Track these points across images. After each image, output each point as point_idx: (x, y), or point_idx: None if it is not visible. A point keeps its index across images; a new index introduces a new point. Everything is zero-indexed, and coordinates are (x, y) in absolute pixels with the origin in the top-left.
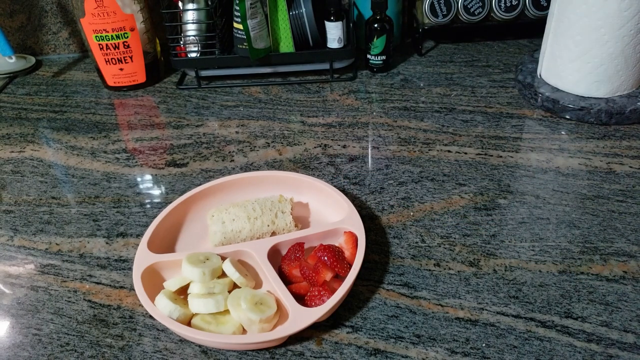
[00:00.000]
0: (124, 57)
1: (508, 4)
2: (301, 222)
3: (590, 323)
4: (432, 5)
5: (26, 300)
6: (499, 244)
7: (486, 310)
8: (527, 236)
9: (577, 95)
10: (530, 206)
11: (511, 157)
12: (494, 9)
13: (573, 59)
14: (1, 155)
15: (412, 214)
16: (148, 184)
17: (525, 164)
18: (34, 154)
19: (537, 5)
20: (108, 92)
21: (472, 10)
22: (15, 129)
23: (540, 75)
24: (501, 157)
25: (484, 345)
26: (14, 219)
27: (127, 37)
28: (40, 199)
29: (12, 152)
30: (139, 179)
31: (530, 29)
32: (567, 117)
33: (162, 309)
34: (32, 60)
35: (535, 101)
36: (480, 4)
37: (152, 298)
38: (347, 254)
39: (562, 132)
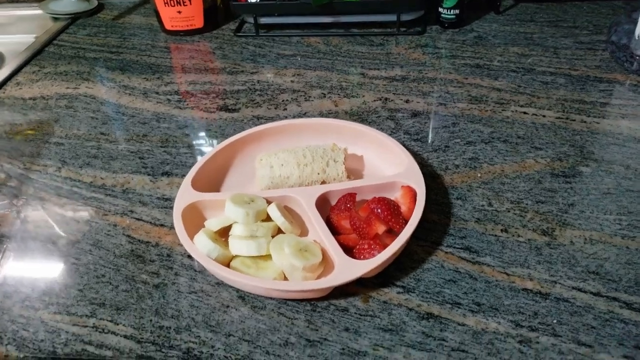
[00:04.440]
0: (182, 0)
1: None
2: (354, 174)
3: None
4: None
5: (67, 230)
6: (578, 214)
7: (560, 283)
8: (612, 208)
9: None
10: (618, 176)
11: (597, 123)
12: None
13: None
14: (57, 91)
15: (479, 175)
16: (197, 127)
17: (614, 131)
18: (88, 91)
19: None
20: (165, 36)
21: None
22: (72, 67)
23: (638, 37)
24: (585, 122)
25: (555, 321)
26: (63, 151)
27: None
28: (90, 134)
29: (68, 88)
30: (188, 121)
31: None
32: None
33: (200, 247)
34: (95, 2)
35: (631, 65)
36: None
37: (192, 237)
38: (403, 209)
39: None
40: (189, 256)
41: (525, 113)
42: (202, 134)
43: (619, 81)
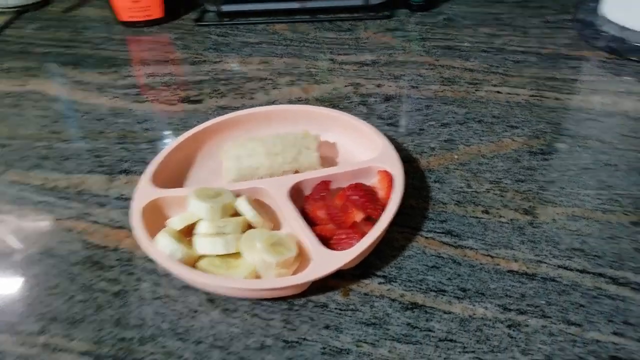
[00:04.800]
0: None
1: None
2: (328, 161)
3: None
4: None
5: (14, 239)
6: (558, 191)
7: (545, 263)
8: (592, 183)
9: None
10: (595, 151)
11: (570, 99)
12: None
13: None
14: (1, 89)
15: (456, 157)
16: (158, 120)
17: (587, 107)
18: (37, 88)
19: None
20: (121, 28)
21: None
22: (19, 63)
23: (603, 14)
24: (559, 99)
25: (543, 302)
26: (8, 153)
27: None
28: (40, 134)
29: (14, 85)
30: (148, 115)
31: None
32: (635, 58)
33: (162, 248)
34: None
35: (597, 41)
36: None
37: (154, 237)
38: (381, 194)
39: (630, 75)
40: (151, 259)
41: (499, 92)
42: (163, 127)
43: (587, 58)
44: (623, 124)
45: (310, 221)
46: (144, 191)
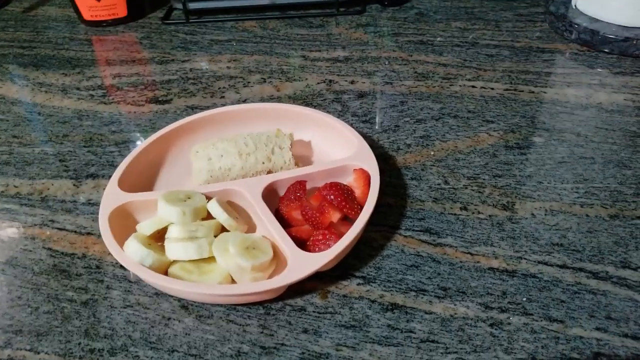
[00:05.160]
0: None
1: None
2: (302, 161)
3: None
4: None
5: None
6: (536, 186)
7: (525, 259)
8: (569, 177)
9: (619, 26)
10: (571, 144)
11: (545, 92)
12: None
13: None
14: None
15: (432, 153)
16: (125, 122)
17: (561, 99)
18: None
19: None
20: (85, 28)
21: None
22: None
23: (575, 6)
24: (533, 92)
25: (524, 299)
26: None
27: None
28: None
29: None
30: (115, 117)
31: None
32: (607, 50)
33: (132, 254)
34: None
35: (570, 34)
36: None
37: (123, 244)
38: (357, 193)
39: (602, 67)
40: (122, 266)
41: (473, 87)
42: (131, 129)
43: (560, 50)
44: (597, 117)
45: (286, 223)
46: (112, 196)
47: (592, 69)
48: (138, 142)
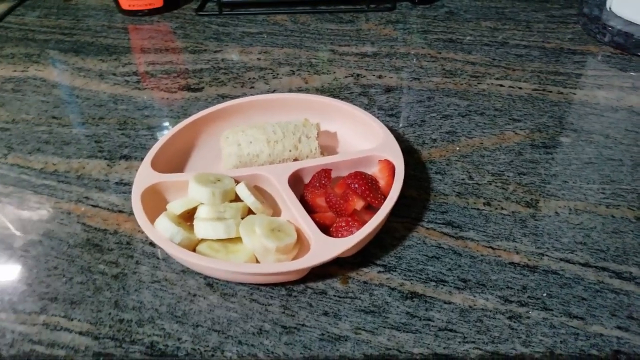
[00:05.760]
0: None
1: None
2: (328, 150)
3: None
4: None
5: (14, 220)
6: (561, 185)
7: (547, 256)
8: (595, 177)
9: None
10: (599, 146)
11: (574, 93)
12: None
13: None
14: (3, 74)
15: (458, 148)
16: (158, 107)
17: (591, 101)
18: (38, 74)
19: None
20: (122, 17)
21: None
22: (20, 49)
23: (609, 8)
24: (562, 93)
25: (544, 295)
26: (9, 137)
27: None
28: (40, 118)
29: (15, 71)
30: (148, 102)
31: None
32: None
33: (162, 231)
34: None
35: (603, 36)
36: None
37: (154, 222)
38: (381, 183)
39: (635, 70)
40: (151, 243)
41: (501, 85)
42: (163, 114)
43: (593, 53)
44: (628, 119)
45: (310, 209)
46: (145, 175)
47: (625, 72)
48: (170, 127)
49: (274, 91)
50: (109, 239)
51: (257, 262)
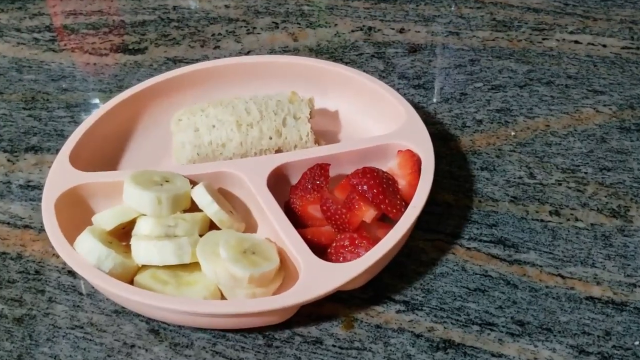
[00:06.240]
0: None
1: None
2: (326, 137)
3: None
4: None
5: None
6: None
7: None
8: None
9: None
10: None
11: None
12: None
13: None
14: None
15: (513, 134)
16: (81, 77)
17: None
18: None
19: None
20: None
21: None
22: None
23: None
24: None
25: (636, 343)
26: None
27: None
28: None
29: None
30: (67, 70)
31: None
32: None
33: (86, 254)
34: None
35: None
36: None
37: (74, 241)
38: (401, 184)
39: None
40: (71, 272)
41: (577, 42)
42: (89, 87)
43: None
44: None
45: (299, 221)
46: (61, 175)
47: None
48: (99, 105)
49: (248, 52)
50: (9, 266)
51: (223, 298)
